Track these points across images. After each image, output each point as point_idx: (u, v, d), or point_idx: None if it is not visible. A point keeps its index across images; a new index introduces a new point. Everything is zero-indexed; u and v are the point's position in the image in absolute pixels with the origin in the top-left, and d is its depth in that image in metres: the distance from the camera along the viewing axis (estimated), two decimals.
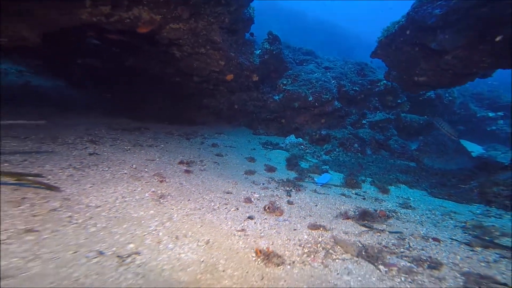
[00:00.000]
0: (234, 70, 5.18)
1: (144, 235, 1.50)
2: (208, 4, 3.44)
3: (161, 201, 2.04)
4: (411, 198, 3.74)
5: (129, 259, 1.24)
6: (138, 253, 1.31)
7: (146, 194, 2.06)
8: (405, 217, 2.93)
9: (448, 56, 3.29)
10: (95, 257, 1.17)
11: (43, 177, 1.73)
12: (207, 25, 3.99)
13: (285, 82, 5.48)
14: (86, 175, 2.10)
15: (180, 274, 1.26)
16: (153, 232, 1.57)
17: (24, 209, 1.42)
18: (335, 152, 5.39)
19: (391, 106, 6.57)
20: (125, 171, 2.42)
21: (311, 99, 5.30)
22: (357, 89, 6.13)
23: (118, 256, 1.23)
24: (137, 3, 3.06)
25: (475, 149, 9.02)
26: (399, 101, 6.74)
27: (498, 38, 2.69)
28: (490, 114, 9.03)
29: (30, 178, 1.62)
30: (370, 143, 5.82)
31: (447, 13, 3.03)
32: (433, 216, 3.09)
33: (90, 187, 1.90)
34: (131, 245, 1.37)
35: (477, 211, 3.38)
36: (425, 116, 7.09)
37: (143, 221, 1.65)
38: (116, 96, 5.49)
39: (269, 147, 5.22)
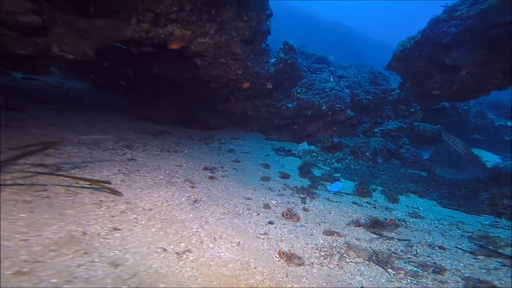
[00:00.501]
0: (250, 79, 5.52)
1: (190, 235, 1.85)
2: (233, 21, 3.79)
3: (196, 205, 2.39)
4: (421, 208, 3.96)
5: (184, 255, 1.59)
6: (189, 251, 1.66)
7: (183, 199, 2.42)
8: (413, 226, 3.17)
9: (462, 72, 3.49)
10: (161, 253, 1.52)
11: (110, 183, 2.12)
12: (229, 38, 4.34)
13: (299, 91, 5.77)
14: (133, 180, 2.48)
15: (224, 269, 1.59)
16: (196, 233, 1.91)
17: (104, 210, 1.80)
18: (346, 160, 5.63)
19: (404, 115, 6.73)
20: (161, 176, 2.79)
21: (324, 108, 5.56)
22: (370, 97, 6.34)
23: (176, 253, 1.57)
24: (172, 21, 3.44)
25: (491, 158, 8.98)
26: (412, 110, 6.88)
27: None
28: (509, 123, 8.98)
29: (102, 184, 2.00)
30: (381, 152, 6.02)
31: (461, 32, 3.24)
32: (441, 225, 3.31)
33: (140, 191, 2.27)
34: (182, 244, 1.72)
35: (486, 222, 3.57)
36: (439, 126, 7.20)
37: (186, 223, 2.00)
38: (139, 99, 5.94)
39: (282, 153, 5.53)
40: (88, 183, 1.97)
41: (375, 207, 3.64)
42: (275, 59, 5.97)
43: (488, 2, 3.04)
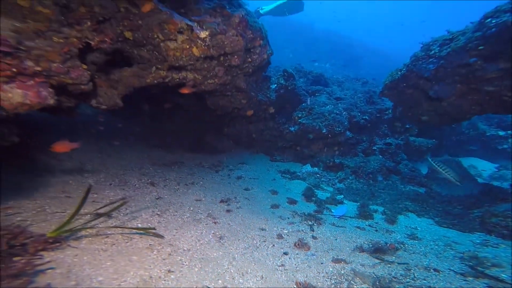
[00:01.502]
0: (254, 107, 6.07)
1: (223, 272, 2.30)
2: (240, 64, 4.34)
3: (222, 242, 2.84)
4: (418, 228, 4.44)
5: None
6: (226, 287, 2.11)
7: (210, 236, 2.87)
8: (411, 248, 3.64)
9: (444, 103, 4.08)
10: None
11: (154, 229, 2.56)
12: (235, 76, 4.91)
13: (300, 115, 6.32)
14: (167, 221, 2.93)
15: None
16: (227, 270, 2.36)
17: (156, 254, 2.24)
18: (348, 180, 6.13)
19: (399, 131, 7.31)
20: (187, 214, 3.25)
21: (324, 131, 6.10)
22: (367, 118, 6.92)
23: None
24: (186, 69, 3.99)
25: (487, 167, 9.56)
26: (407, 126, 7.47)
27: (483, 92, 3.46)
28: (501, 133, 9.63)
29: (150, 230, 2.45)
30: (380, 170, 6.54)
31: (437, 70, 3.85)
32: (436, 247, 3.78)
33: (176, 232, 2.72)
34: (220, 281, 2.17)
35: (477, 241, 4.05)
36: (433, 140, 7.78)
37: (218, 261, 2.45)
38: (151, 127, 6.43)
39: (288, 176, 6.01)
40: (140, 230, 2.42)
41: (376, 230, 4.11)
42: (276, 85, 6.55)
43: (451, 47, 3.67)
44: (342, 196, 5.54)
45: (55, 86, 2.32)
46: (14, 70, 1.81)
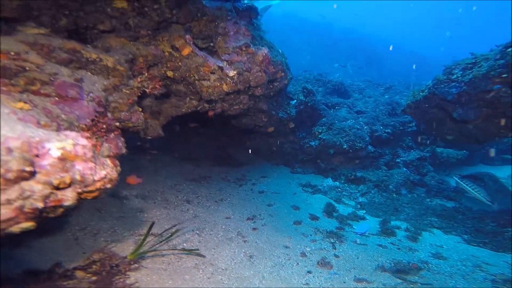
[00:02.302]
0: (274, 124, 6.48)
1: None
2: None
3: (252, 260, 3.28)
4: (444, 246, 4.50)
5: None
6: None
7: (242, 255, 3.33)
8: (436, 268, 3.77)
9: (469, 125, 4.14)
10: None
11: (198, 250, 3.10)
12: (258, 100, 5.36)
13: (320, 130, 6.59)
14: (205, 240, 3.46)
15: None
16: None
17: (202, 273, 2.75)
18: (370, 194, 6.27)
19: (425, 143, 7.24)
20: (221, 233, 3.75)
21: (345, 147, 6.31)
22: (389, 131, 6.97)
23: None
24: (215, 101, 4.50)
25: None
26: (433, 137, 7.36)
27: (502, 123, 3.51)
28: None
29: (194, 251, 2.98)
30: (405, 184, 6.57)
31: (460, 94, 3.94)
32: (463, 267, 3.84)
33: (214, 251, 3.23)
34: None
35: None
36: (464, 150, 7.56)
37: (250, 279, 2.89)
38: (179, 142, 7.14)
39: (309, 189, 6.31)
40: (187, 251, 2.96)
41: (399, 248, 4.28)
42: (295, 101, 6.89)
43: (473, 73, 3.75)
44: (364, 211, 5.71)
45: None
46: (104, 127, 2.41)
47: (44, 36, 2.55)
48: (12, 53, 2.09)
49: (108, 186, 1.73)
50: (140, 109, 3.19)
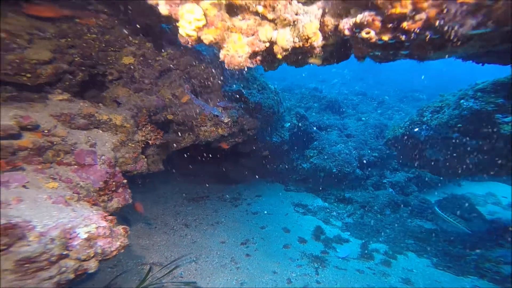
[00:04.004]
0: (269, 147, 6.92)
1: None
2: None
3: (242, 287, 3.78)
4: (414, 271, 5.00)
5: None
6: None
7: (234, 282, 3.83)
8: None
9: (439, 163, 4.62)
10: None
11: (195, 283, 3.58)
12: (253, 134, 5.79)
13: (311, 154, 7.04)
14: (201, 268, 3.95)
15: None
16: None
17: None
18: (356, 215, 6.76)
19: (409, 166, 7.69)
20: (216, 259, 4.24)
21: (334, 170, 6.77)
22: (376, 154, 7.43)
23: None
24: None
25: (509, 193, 9.39)
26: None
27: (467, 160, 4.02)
28: None
29: (192, 284, 3.46)
30: (389, 204, 7.05)
31: (430, 136, 4.43)
32: None
33: (208, 279, 3.72)
34: None
35: (467, 286, 4.54)
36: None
37: None
38: (179, 160, 7.59)
39: (300, 209, 6.80)
40: (186, 285, 3.45)
41: (374, 273, 4.79)
42: (289, 124, 7.32)
43: (438, 119, 4.21)
44: (349, 232, 6.21)
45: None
46: (114, 184, 2.85)
47: (67, 103, 2.98)
48: (46, 131, 2.52)
49: (122, 251, 2.19)
50: (144, 157, 3.63)
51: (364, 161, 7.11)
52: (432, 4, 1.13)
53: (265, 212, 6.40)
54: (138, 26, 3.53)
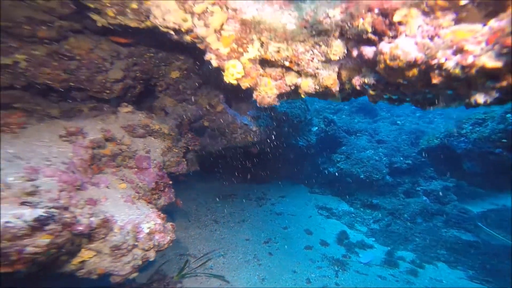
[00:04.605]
0: (295, 151, 7.23)
1: None
2: None
3: (263, 283, 4.30)
4: (444, 281, 4.96)
5: None
6: None
7: (255, 278, 4.37)
8: None
9: (478, 177, 4.44)
10: None
11: (223, 276, 4.21)
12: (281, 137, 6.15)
13: (338, 159, 7.15)
14: (228, 262, 4.56)
15: None
16: None
17: None
18: (384, 221, 6.78)
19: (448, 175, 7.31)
20: (240, 256, 4.83)
21: (362, 176, 6.82)
22: (410, 162, 7.20)
23: None
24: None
25: None
26: None
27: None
28: None
29: (220, 277, 4.10)
30: (421, 213, 6.89)
31: (468, 150, 4.26)
32: None
33: (234, 274, 4.32)
34: None
35: None
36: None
37: None
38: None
39: (324, 212, 7.05)
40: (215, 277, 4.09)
41: (397, 281, 4.91)
42: (317, 128, 7.49)
43: (478, 134, 4.01)
44: (373, 239, 6.30)
45: None
46: (162, 185, 3.53)
47: (130, 115, 3.71)
48: (118, 141, 3.26)
49: (170, 244, 2.82)
50: (185, 160, 4.29)
51: (395, 168, 7.00)
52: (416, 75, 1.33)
53: (288, 213, 6.80)
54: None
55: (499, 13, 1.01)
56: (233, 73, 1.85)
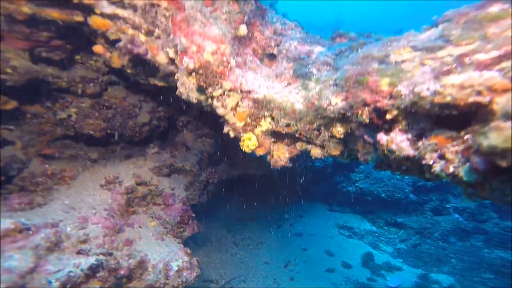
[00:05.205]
0: (312, 171, 7.34)
1: None
2: None
3: None
4: None
5: None
6: None
7: None
8: None
9: None
10: None
11: None
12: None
13: (357, 178, 7.11)
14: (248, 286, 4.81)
15: None
16: None
17: None
18: (411, 241, 6.55)
19: None
20: (260, 280, 5.04)
21: (383, 196, 6.71)
22: None
23: None
24: None
25: None
26: None
27: None
28: None
29: None
30: (453, 231, 6.56)
31: None
32: None
33: None
34: None
35: None
36: None
37: None
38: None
39: (345, 232, 7.00)
40: None
41: None
42: None
43: None
44: (401, 260, 6.11)
45: None
46: (187, 218, 3.94)
47: (157, 155, 4.21)
48: (148, 182, 3.73)
49: (196, 279, 3.15)
50: (206, 191, 4.69)
51: (420, 186, 6.78)
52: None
53: (308, 233, 6.87)
54: None
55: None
56: (248, 145, 2.18)
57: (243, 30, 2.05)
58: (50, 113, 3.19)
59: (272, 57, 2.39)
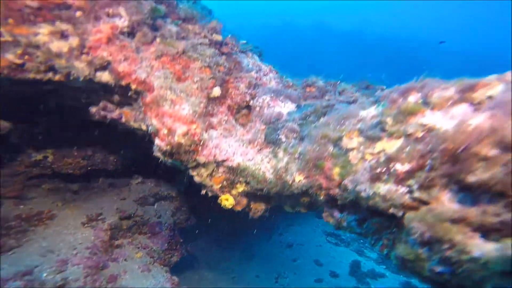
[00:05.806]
0: None
1: None
2: None
3: None
4: None
5: None
6: None
7: None
8: None
9: None
10: None
11: None
12: None
13: None
14: None
15: None
16: None
17: None
18: None
19: None
20: None
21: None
22: None
23: None
24: None
25: None
26: None
27: None
28: None
29: None
30: None
31: None
32: None
33: None
34: None
35: None
36: None
37: None
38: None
39: (332, 240, 7.22)
40: None
41: None
42: None
43: None
44: (384, 266, 6.39)
45: None
46: (174, 243, 3.96)
47: (141, 185, 4.21)
48: (132, 215, 3.74)
49: None
50: (193, 215, 4.72)
51: None
52: None
53: (297, 243, 7.03)
54: None
55: None
56: (225, 204, 2.33)
57: (216, 92, 2.18)
58: (24, 156, 3.13)
59: (247, 108, 2.52)
